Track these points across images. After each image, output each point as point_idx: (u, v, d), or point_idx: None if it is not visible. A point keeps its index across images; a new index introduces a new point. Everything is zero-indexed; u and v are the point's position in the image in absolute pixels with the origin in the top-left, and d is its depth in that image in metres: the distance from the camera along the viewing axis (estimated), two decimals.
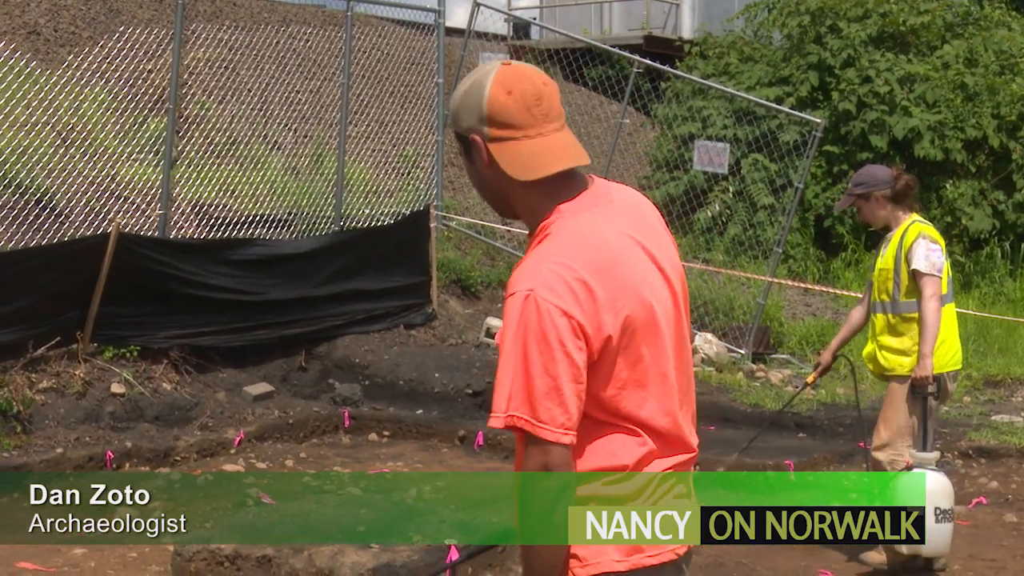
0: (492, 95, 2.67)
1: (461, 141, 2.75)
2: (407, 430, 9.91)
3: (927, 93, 15.26)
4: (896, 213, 6.65)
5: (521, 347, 2.55)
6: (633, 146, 16.60)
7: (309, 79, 13.93)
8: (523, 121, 2.68)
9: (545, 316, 2.53)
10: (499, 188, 2.74)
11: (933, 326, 6.32)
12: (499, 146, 2.68)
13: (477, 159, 2.72)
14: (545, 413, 2.54)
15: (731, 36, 17.43)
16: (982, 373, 11.60)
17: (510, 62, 2.74)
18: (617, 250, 2.66)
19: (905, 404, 6.53)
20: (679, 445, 2.76)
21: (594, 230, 2.66)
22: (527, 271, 2.60)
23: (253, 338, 10.43)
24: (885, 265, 6.66)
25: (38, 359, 8.86)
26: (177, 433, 9.10)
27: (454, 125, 2.74)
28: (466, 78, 2.75)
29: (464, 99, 2.70)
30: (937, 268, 6.45)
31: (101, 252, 8.97)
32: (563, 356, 2.54)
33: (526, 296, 2.55)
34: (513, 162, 2.68)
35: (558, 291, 2.54)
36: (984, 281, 14.81)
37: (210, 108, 12.45)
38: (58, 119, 10.63)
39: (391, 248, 11.56)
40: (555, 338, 2.54)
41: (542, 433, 2.54)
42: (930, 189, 15.44)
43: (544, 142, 2.69)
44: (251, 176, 12.01)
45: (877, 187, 6.62)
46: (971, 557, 6.88)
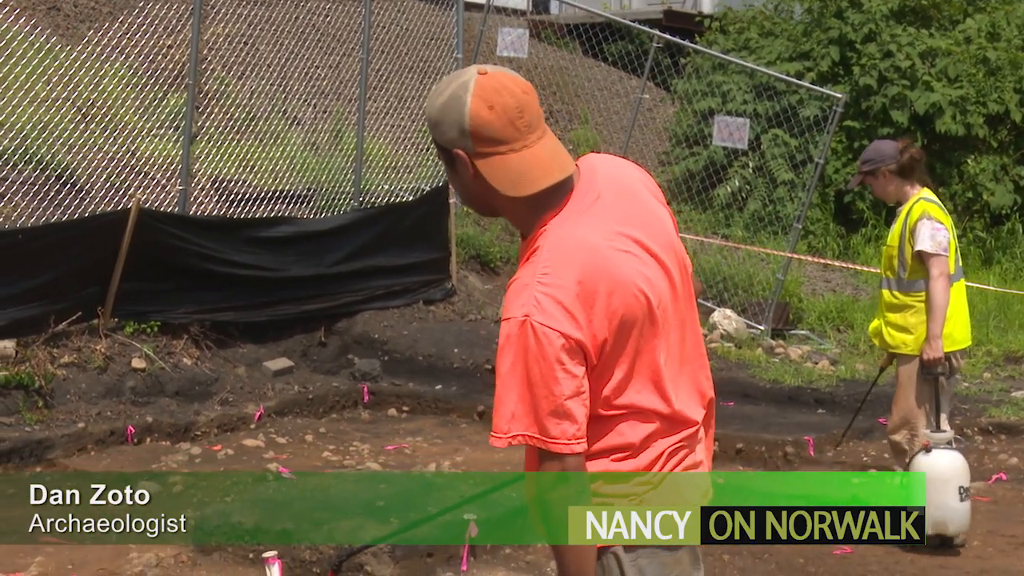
0: (474, 111, 2.64)
1: (443, 152, 2.73)
2: (426, 405, 9.93)
3: (949, 68, 15.15)
4: (904, 188, 6.62)
5: (522, 371, 2.60)
6: (653, 122, 16.54)
7: (328, 54, 13.92)
8: (507, 136, 2.66)
9: (543, 340, 2.59)
10: (485, 197, 2.75)
11: (941, 307, 6.30)
12: (485, 161, 2.67)
13: (462, 171, 2.71)
14: (555, 429, 2.62)
15: (751, 11, 17.33)
16: (1003, 349, 11.55)
17: (485, 70, 2.69)
18: (605, 254, 2.67)
19: (914, 384, 6.52)
20: (682, 422, 2.81)
21: (582, 239, 2.67)
22: (520, 295, 2.64)
23: (273, 314, 10.46)
24: (891, 242, 6.66)
25: (59, 334, 8.91)
26: (197, 408, 9.14)
27: (434, 136, 2.72)
28: (440, 88, 2.71)
29: (443, 113, 2.67)
30: (943, 247, 6.38)
31: (121, 228, 9.00)
32: (564, 374, 2.61)
33: (522, 322, 2.60)
34: (502, 178, 2.68)
35: (553, 314, 2.59)
36: (1005, 257, 14.74)
37: (230, 83, 12.45)
38: (78, 95, 10.65)
39: (410, 224, 11.56)
40: (554, 359, 2.59)
41: (555, 447, 2.62)
42: (951, 164, 15.35)
43: (531, 154, 2.68)
44: (271, 151, 12.03)
45: (884, 162, 6.59)
46: (991, 533, 6.88)
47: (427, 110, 2.73)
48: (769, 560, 6.48)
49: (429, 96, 2.75)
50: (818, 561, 6.45)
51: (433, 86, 2.82)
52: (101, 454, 8.26)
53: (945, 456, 6.29)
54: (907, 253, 6.51)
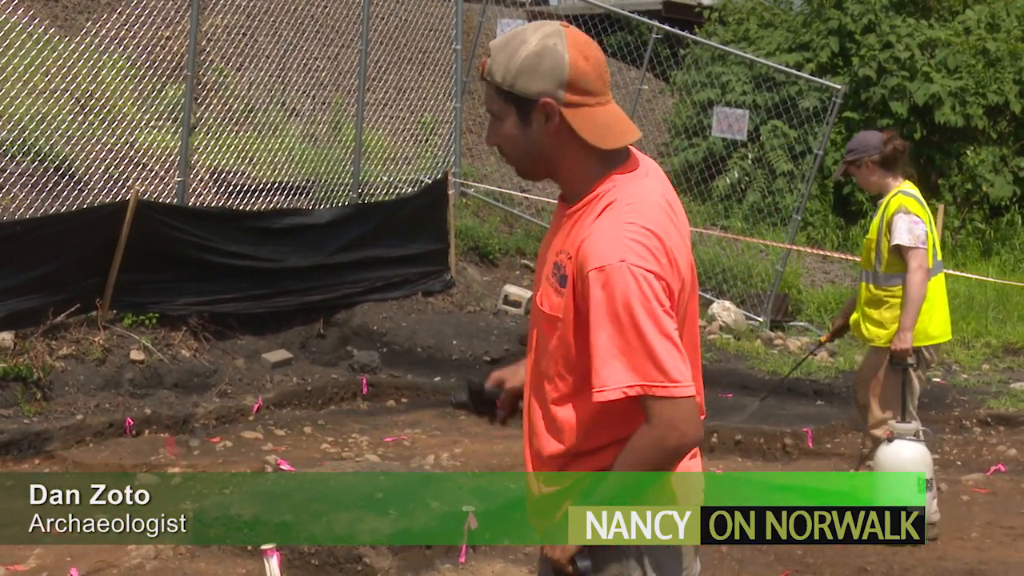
0: (573, 60, 2.66)
1: (517, 104, 2.70)
2: (425, 397, 9.93)
3: (948, 59, 15.14)
4: (886, 179, 6.58)
5: (631, 317, 2.57)
6: (652, 113, 16.53)
7: (327, 45, 13.89)
8: (597, 88, 2.70)
9: (643, 282, 2.58)
10: (549, 152, 2.74)
11: (916, 300, 6.29)
12: (575, 112, 2.68)
13: (536, 123, 2.70)
14: (675, 371, 2.59)
15: (751, 2, 17.31)
16: (1001, 341, 11.56)
17: (567, 25, 2.72)
18: (669, 216, 2.72)
19: (881, 386, 6.53)
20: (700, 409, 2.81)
21: (653, 197, 2.71)
22: (609, 242, 2.61)
23: (272, 305, 10.46)
24: (871, 235, 6.63)
25: (58, 326, 8.90)
26: (196, 400, 9.14)
27: (513, 87, 2.68)
28: (517, 38, 2.69)
29: (535, 62, 2.66)
30: (921, 240, 6.34)
31: (120, 219, 8.99)
32: (665, 315, 2.60)
33: (619, 268, 2.58)
34: (591, 129, 2.69)
35: (646, 257, 2.59)
36: (1004, 248, 14.74)
37: (228, 75, 12.43)
38: (76, 86, 10.63)
39: (409, 216, 11.56)
40: (656, 301, 2.59)
41: (677, 391, 2.59)
42: (951, 155, 15.35)
43: (613, 110, 2.74)
44: (269, 143, 12.01)
45: (867, 153, 6.55)
46: (989, 524, 6.88)
47: (508, 59, 2.68)
48: (768, 551, 6.47)
49: (501, 49, 2.69)
50: (817, 552, 6.45)
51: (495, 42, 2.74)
52: (100, 446, 8.25)
53: (908, 448, 6.31)
54: (884, 247, 6.48)
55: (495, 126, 2.77)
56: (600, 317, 2.59)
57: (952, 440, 8.95)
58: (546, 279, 2.79)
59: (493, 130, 2.78)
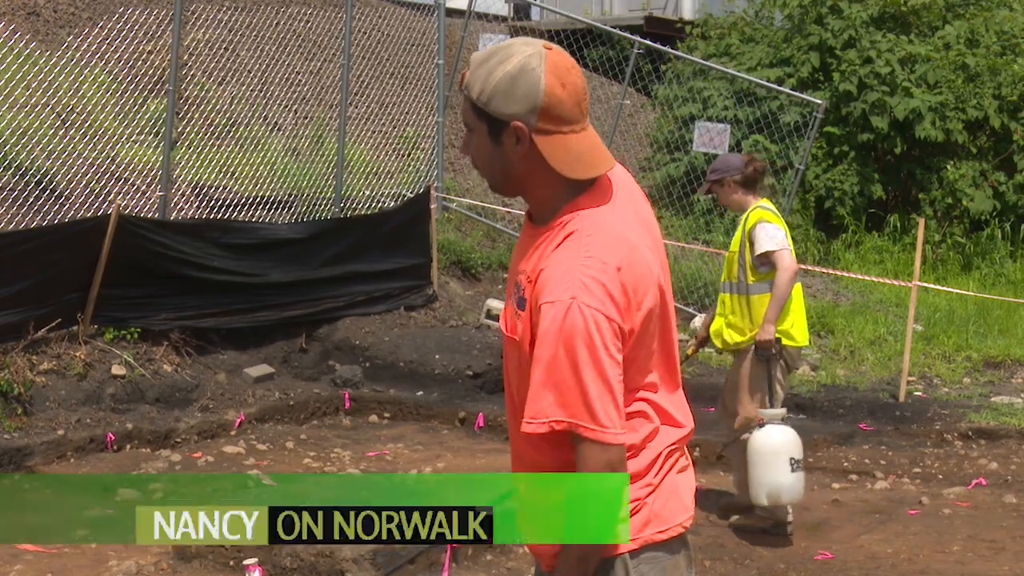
0: (549, 87, 2.61)
1: (489, 122, 2.67)
2: (407, 412, 9.92)
3: (928, 74, 15.21)
4: (747, 197, 6.95)
5: (570, 354, 2.55)
6: (634, 127, 16.57)
7: (309, 60, 13.90)
8: (573, 116, 2.65)
9: (591, 322, 2.55)
10: (518, 173, 2.71)
11: (781, 296, 6.61)
12: (546, 139, 2.64)
13: (508, 144, 2.66)
14: (604, 416, 2.57)
15: (732, 17, 17.36)
16: (982, 354, 11.60)
17: (550, 45, 2.67)
18: (634, 242, 2.69)
19: (748, 379, 6.82)
20: (677, 424, 2.81)
21: (616, 226, 2.68)
22: (564, 276, 2.59)
23: (254, 320, 10.45)
24: (733, 248, 6.99)
25: (39, 341, 8.87)
26: (178, 415, 9.12)
27: (487, 106, 2.64)
28: (497, 57, 2.64)
29: (511, 84, 2.61)
30: (784, 244, 6.70)
31: (101, 234, 8.97)
32: (609, 359, 2.57)
33: (568, 305, 2.56)
34: (561, 157, 2.65)
35: (599, 296, 2.56)
36: (984, 262, 14.80)
37: (210, 89, 12.43)
38: (58, 100, 10.62)
39: (391, 230, 11.56)
40: (600, 342, 2.56)
41: (604, 437, 2.57)
42: (931, 170, 15.41)
43: (587, 138, 2.69)
44: (251, 157, 12.01)
45: (729, 173, 6.93)
46: (971, 538, 6.90)
47: (486, 76, 2.64)
48: (750, 566, 6.48)
49: (481, 63, 2.65)
50: (799, 567, 6.46)
51: (476, 55, 2.68)
52: (81, 461, 8.22)
53: (776, 430, 6.58)
54: (747, 257, 6.80)
55: (468, 137, 2.75)
56: (541, 351, 2.58)
57: (933, 454, 8.98)
58: (509, 297, 2.79)
59: (466, 141, 2.76)
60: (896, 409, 10.00)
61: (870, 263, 14.59)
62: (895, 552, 6.65)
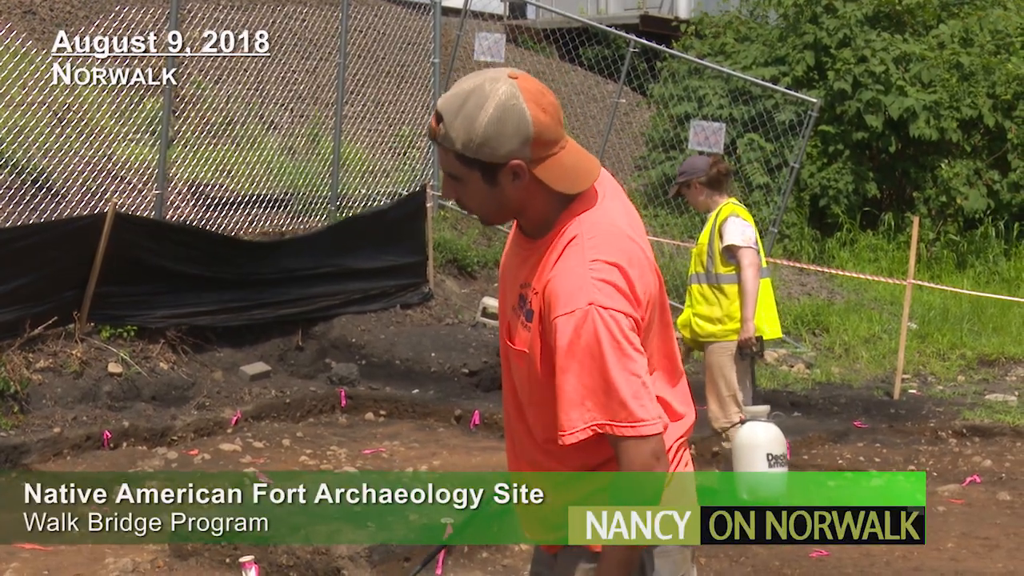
0: (535, 116, 2.63)
1: (482, 168, 2.66)
2: (403, 410, 9.93)
3: (923, 73, 15.24)
4: (714, 197, 7.16)
5: (598, 360, 2.59)
6: (629, 126, 16.58)
7: (305, 59, 13.90)
8: (558, 134, 2.69)
9: (611, 323, 2.59)
10: (516, 204, 2.72)
11: (752, 293, 6.86)
12: (543, 166, 2.67)
13: (505, 182, 2.67)
14: (642, 410, 2.61)
15: (727, 16, 17.39)
16: (976, 352, 11.63)
17: (515, 73, 2.68)
18: (631, 235, 2.73)
19: (722, 373, 7.04)
20: (682, 417, 2.85)
21: (612, 224, 2.71)
22: (577, 284, 2.62)
23: (250, 318, 10.45)
24: (702, 241, 7.16)
25: (35, 338, 8.88)
26: (174, 412, 9.12)
27: (478, 153, 2.63)
28: (469, 98, 2.63)
29: (499, 125, 2.61)
30: (751, 241, 6.94)
31: (98, 232, 8.98)
32: (635, 352, 2.62)
33: (587, 311, 2.59)
34: (560, 177, 2.68)
35: (614, 296, 2.61)
36: (979, 261, 14.84)
37: (206, 88, 12.44)
38: (54, 99, 10.62)
39: (387, 228, 11.57)
40: (624, 339, 2.60)
41: (642, 430, 2.61)
42: (925, 169, 15.45)
43: (572, 150, 2.73)
44: (247, 156, 12.01)
45: (695, 175, 7.15)
46: (964, 535, 6.93)
47: (468, 127, 2.62)
48: (745, 563, 6.51)
49: (456, 113, 2.62)
50: (794, 564, 6.49)
51: (445, 105, 2.65)
52: (77, 459, 8.23)
53: (757, 427, 6.82)
54: (716, 248, 6.99)
55: (455, 186, 2.72)
56: (568, 362, 2.61)
57: (928, 451, 9.01)
58: (512, 311, 2.80)
59: (452, 188, 2.74)
60: (891, 407, 10.03)
61: (865, 261, 14.62)
62: (889, 549, 6.67)
